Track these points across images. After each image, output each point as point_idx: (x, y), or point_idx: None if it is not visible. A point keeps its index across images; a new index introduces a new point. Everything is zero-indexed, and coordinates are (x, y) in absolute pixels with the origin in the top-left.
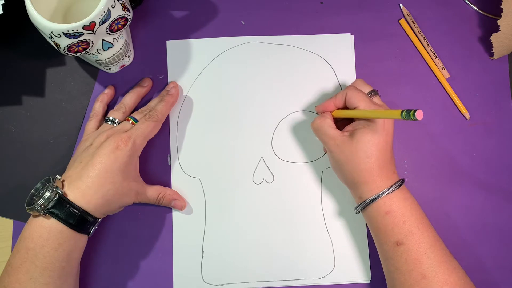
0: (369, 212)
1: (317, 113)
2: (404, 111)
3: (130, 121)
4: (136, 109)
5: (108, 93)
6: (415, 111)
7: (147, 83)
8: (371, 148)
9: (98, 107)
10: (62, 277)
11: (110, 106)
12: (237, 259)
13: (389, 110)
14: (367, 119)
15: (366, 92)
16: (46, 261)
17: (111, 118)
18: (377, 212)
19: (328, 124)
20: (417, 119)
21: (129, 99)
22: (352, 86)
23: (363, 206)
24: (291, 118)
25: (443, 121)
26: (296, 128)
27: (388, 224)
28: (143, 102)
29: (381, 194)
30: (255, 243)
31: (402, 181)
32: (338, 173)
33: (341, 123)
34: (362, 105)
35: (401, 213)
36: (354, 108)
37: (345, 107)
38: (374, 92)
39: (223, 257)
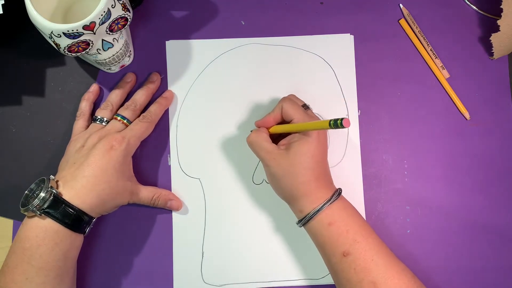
0: (312, 226)
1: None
2: (332, 120)
3: (118, 119)
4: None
5: (93, 91)
6: (342, 119)
7: (130, 78)
8: (308, 160)
9: (85, 106)
10: (58, 277)
11: (96, 104)
12: (237, 259)
13: (318, 121)
14: (302, 132)
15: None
16: (42, 261)
17: (99, 117)
18: (321, 224)
19: (263, 138)
20: (344, 127)
21: (115, 96)
22: (287, 98)
23: (307, 220)
24: None
25: (443, 121)
26: None
27: (332, 236)
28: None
29: (323, 205)
30: (255, 243)
31: (340, 191)
32: (276, 188)
33: (277, 140)
34: (297, 117)
35: (344, 223)
36: (290, 121)
37: (283, 121)
38: (306, 106)
39: (223, 257)
